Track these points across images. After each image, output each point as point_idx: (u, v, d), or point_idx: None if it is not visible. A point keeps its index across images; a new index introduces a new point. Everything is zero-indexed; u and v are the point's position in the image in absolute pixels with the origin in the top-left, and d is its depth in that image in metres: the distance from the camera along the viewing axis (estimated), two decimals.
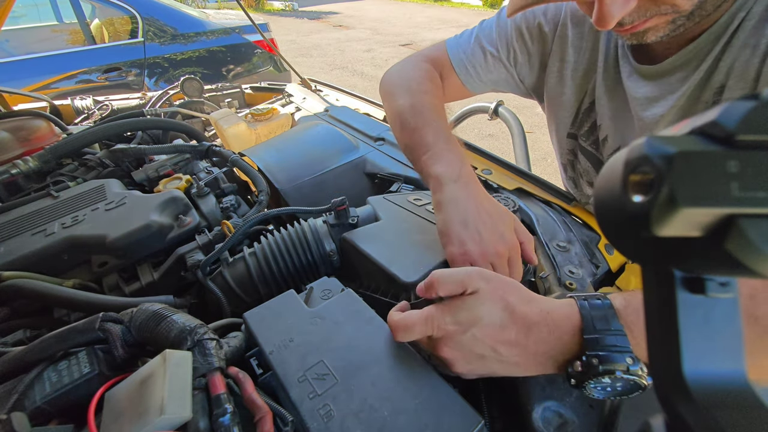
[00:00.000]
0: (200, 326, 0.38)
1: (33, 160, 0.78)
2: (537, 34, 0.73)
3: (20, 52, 2.73)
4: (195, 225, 0.64)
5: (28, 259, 0.55)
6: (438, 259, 0.51)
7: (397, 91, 0.71)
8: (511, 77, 0.79)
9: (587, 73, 0.71)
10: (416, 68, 0.76)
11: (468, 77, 0.79)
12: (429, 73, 0.75)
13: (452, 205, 0.51)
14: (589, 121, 0.75)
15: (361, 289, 0.53)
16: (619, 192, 0.17)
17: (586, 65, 0.70)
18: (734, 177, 0.14)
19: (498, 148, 3.33)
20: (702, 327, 0.19)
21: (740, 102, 0.15)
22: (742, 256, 0.14)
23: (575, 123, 0.78)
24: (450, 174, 0.54)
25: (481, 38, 0.77)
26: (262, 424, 0.32)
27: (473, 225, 0.50)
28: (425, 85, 0.71)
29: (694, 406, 0.18)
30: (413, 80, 0.72)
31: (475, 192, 0.53)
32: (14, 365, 0.36)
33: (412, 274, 0.48)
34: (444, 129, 0.61)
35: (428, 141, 0.59)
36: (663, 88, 0.59)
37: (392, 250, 0.53)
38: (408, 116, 0.65)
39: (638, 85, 0.62)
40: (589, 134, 0.76)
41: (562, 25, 0.70)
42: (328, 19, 10.48)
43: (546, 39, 0.73)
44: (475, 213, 0.51)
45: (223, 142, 1.15)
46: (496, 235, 0.50)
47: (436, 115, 0.64)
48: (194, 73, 2.03)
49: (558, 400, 0.39)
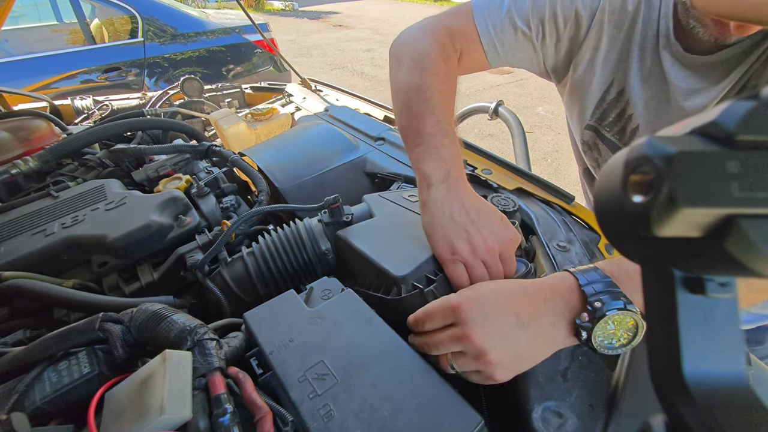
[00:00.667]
0: (200, 326, 0.38)
1: (33, 160, 0.78)
2: (573, 19, 0.70)
3: (20, 52, 2.73)
4: (195, 225, 0.64)
5: (28, 259, 0.55)
6: (429, 253, 0.50)
7: (406, 62, 0.68)
8: (536, 57, 0.76)
9: (617, 62, 0.70)
10: (433, 41, 0.70)
11: (495, 55, 0.74)
12: (445, 50, 0.70)
13: (438, 206, 0.51)
14: (615, 110, 0.74)
15: (356, 287, 0.53)
16: (619, 192, 0.17)
17: (617, 55, 0.70)
18: (734, 177, 0.14)
19: (498, 148, 3.33)
20: (702, 327, 0.19)
21: (740, 102, 0.15)
22: (742, 256, 0.14)
23: (596, 112, 0.76)
24: (438, 175, 0.53)
25: (513, 12, 0.71)
26: (262, 424, 0.32)
27: (460, 223, 0.49)
28: (437, 65, 0.67)
29: (694, 406, 0.18)
30: (427, 56, 0.67)
31: (462, 192, 0.53)
32: (14, 365, 0.36)
33: (404, 268, 0.48)
34: (445, 122, 0.60)
35: (426, 132, 0.58)
36: (707, 80, 0.61)
37: (384, 245, 0.52)
38: (413, 99, 0.62)
39: (682, 74, 0.63)
40: (614, 123, 0.75)
41: (600, 12, 0.68)
42: (328, 19, 10.48)
43: (581, 25, 0.70)
44: (461, 212, 0.50)
45: (223, 142, 1.15)
46: (485, 231, 0.49)
47: (440, 105, 0.62)
48: (194, 73, 2.03)
49: (558, 400, 0.39)
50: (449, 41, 0.71)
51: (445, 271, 0.49)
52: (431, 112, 0.60)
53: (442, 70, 0.67)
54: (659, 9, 0.64)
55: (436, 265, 0.50)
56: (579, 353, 0.44)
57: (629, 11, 0.66)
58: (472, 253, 0.48)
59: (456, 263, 0.48)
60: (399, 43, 0.73)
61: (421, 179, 0.55)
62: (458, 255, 0.48)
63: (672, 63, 0.64)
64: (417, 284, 0.47)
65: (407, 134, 0.61)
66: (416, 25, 0.75)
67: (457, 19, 0.74)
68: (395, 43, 0.74)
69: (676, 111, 0.66)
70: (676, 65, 0.63)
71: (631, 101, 0.71)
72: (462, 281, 0.47)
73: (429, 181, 0.53)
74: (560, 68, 0.78)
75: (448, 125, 0.60)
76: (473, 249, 0.48)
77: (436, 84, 0.64)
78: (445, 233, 0.49)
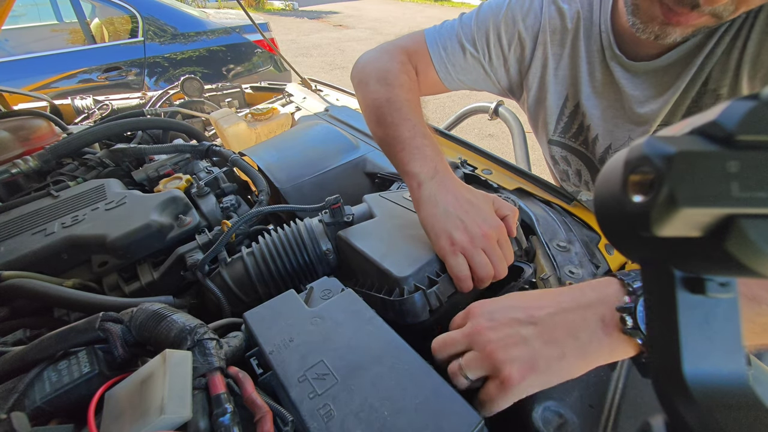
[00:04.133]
0: (200, 326, 0.38)
1: (33, 160, 0.77)
2: (516, 41, 0.74)
3: (20, 51, 2.73)
4: (195, 225, 0.64)
5: (28, 259, 0.55)
6: (431, 254, 0.50)
7: (371, 82, 0.70)
8: (488, 78, 0.80)
9: (567, 78, 0.74)
10: (392, 59, 0.73)
11: (447, 75, 0.78)
12: (405, 66, 0.73)
13: (431, 201, 0.52)
14: (576, 122, 0.77)
15: (357, 287, 0.53)
16: (619, 192, 0.17)
17: (566, 71, 0.73)
18: (734, 177, 0.14)
19: (498, 148, 3.33)
20: (702, 327, 0.19)
21: (740, 102, 0.15)
22: (742, 256, 0.14)
23: (558, 126, 0.79)
24: (426, 172, 0.54)
25: (461, 35, 0.76)
26: (262, 424, 0.32)
27: (455, 215, 0.50)
28: (401, 78, 0.70)
29: (694, 406, 0.18)
30: (389, 72, 0.70)
31: (452, 185, 0.54)
32: (14, 365, 0.36)
33: (406, 269, 0.48)
34: (420, 125, 0.61)
35: (404, 137, 0.59)
36: (659, 85, 0.63)
37: (386, 245, 0.52)
38: (384, 110, 0.64)
39: (634, 83, 0.65)
40: (578, 135, 0.78)
41: (542, 32, 0.72)
42: (328, 19, 10.48)
43: (525, 46, 0.75)
44: (455, 203, 0.51)
45: (223, 142, 1.15)
46: (479, 219, 0.50)
47: (412, 111, 0.63)
48: (194, 73, 2.04)
49: (558, 400, 0.39)
50: (407, 59, 0.75)
51: (446, 263, 0.49)
52: (405, 118, 0.61)
53: (406, 82, 0.70)
54: (599, 24, 0.67)
55: (438, 266, 0.50)
56: None
57: (569, 29, 0.70)
58: (470, 242, 0.48)
59: (456, 254, 0.48)
60: (360, 67, 0.76)
61: (410, 180, 0.55)
62: (457, 245, 0.48)
63: (622, 73, 0.66)
64: (419, 285, 0.47)
65: (386, 144, 0.62)
66: (373, 49, 0.79)
67: (412, 41, 0.78)
68: (356, 67, 0.77)
69: (634, 118, 0.68)
70: (626, 74, 0.66)
71: (587, 113, 0.74)
72: (463, 271, 0.48)
73: (419, 180, 0.54)
74: (515, 88, 0.82)
75: (424, 128, 0.61)
76: (471, 238, 0.48)
77: (403, 94, 0.66)
78: (442, 227, 0.50)
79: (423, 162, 0.55)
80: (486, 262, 0.48)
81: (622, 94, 0.68)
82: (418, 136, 0.58)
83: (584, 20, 0.69)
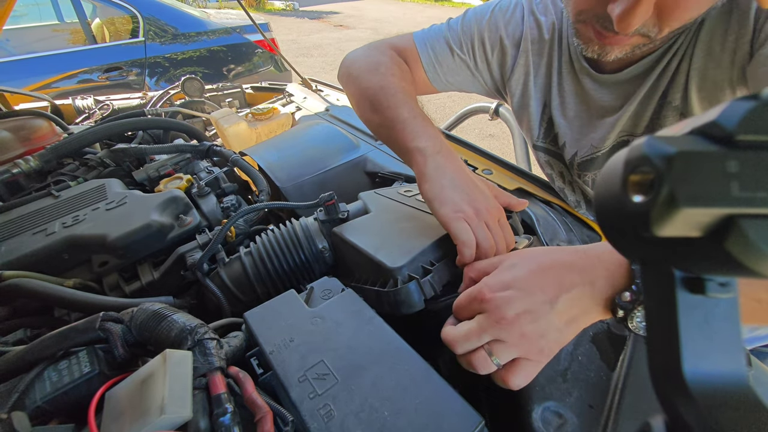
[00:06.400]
0: (201, 326, 0.38)
1: (34, 160, 0.78)
2: (498, 46, 0.76)
3: (21, 51, 2.73)
4: (196, 225, 0.64)
5: (29, 259, 0.55)
6: (425, 244, 0.49)
7: (363, 75, 0.68)
8: (475, 79, 0.81)
9: (544, 86, 0.76)
10: (382, 54, 0.73)
11: (435, 75, 0.78)
12: (396, 59, 0.73)
13: (439, 172, 0.52)
14: (553, 130, 0.79)
15: (354, 282, 0.53)
16: (619, 192, 0.17)
17: (543, 79, 0.75)
18: (734, 177, 0.14)
19: (498, 148, 3.33)
20: (702, 327, 0.19)
21: (740, 102, 0.15)
22: (742, 256, 0.14)
23: (540, 131, 0.81)
24: (433, 146, 0.54)
25: (448, 37, 0.76)
26: (263, 424, 0.32)
27: (462, 188, 0.50)
28: (393, 68, 0.69)
29: (694, 406, 0.18)
30: (381, 64, 0.69)
31: (458, 161, 0.54)
32: (15, 364, 0.36)
33: (399, 260, 0.47)
34: (418, 108, 0.60)
35: (404, 117, 0.58)
36: (624, 96, 0.65)
37: (380, 238, 0.52)
38: (380, 97, 0.62)
39: (602, 92, 0.68)
40: (555, 141, 0.80)
41: (524, 40, 0.74)
42: (329, 19, 10.48)
43: (506, 53, 0.76)
44: (464, 177, 0.52)
45: (223, 142, 1.15)
46: (482, 197, 0.51)
47: (408, 97, 0.62)
48: (195, 73, 2.03)
49: (558, 400, 0.39)
50: (396, 54, 0.75)
51: (450, 230, 0.47)
52: (403, 101, 0.61)
53: (399, 72, 0.69)
54: (568, 36, 0.70)
55: (432, 255, 0.49)
56: (579, 353, 0.44)
57: (546, 40, 0.72)
58: (475, 214, 0.48)
59: (460, 220, 0.47)
60: (348, 63, 0.75)
61: (415, 155, 0.54)
62: (462, 213, 0.48)
63: (591, 83, 0.69)
64: (413, 275, 0.46)
65: (384, 127, 0.61)
66: (359, 48, 0.78)
67: (400, 40, 0.79)
68: (343, 64, 0.76)
69: (601, 126, 0.70)
70: (594, 85, 0.68)
71: (555, 121, 0.76)
72: (468, 237, 0.46)
73: (424, 154, 0.54)
74: (501, 90, 0.83)
75: (422, 112, 0.60)
76: (477, 210, 0.48)
77: (397, 82, 0.65)
78: (448, 195, 0.49)
79: (428, 138, 0.55)
80: (489, 235, 0.48)
81: (589, 104, 0.70)
82: (419, 117, 0.58)
83: (557, 31, 0.71)
